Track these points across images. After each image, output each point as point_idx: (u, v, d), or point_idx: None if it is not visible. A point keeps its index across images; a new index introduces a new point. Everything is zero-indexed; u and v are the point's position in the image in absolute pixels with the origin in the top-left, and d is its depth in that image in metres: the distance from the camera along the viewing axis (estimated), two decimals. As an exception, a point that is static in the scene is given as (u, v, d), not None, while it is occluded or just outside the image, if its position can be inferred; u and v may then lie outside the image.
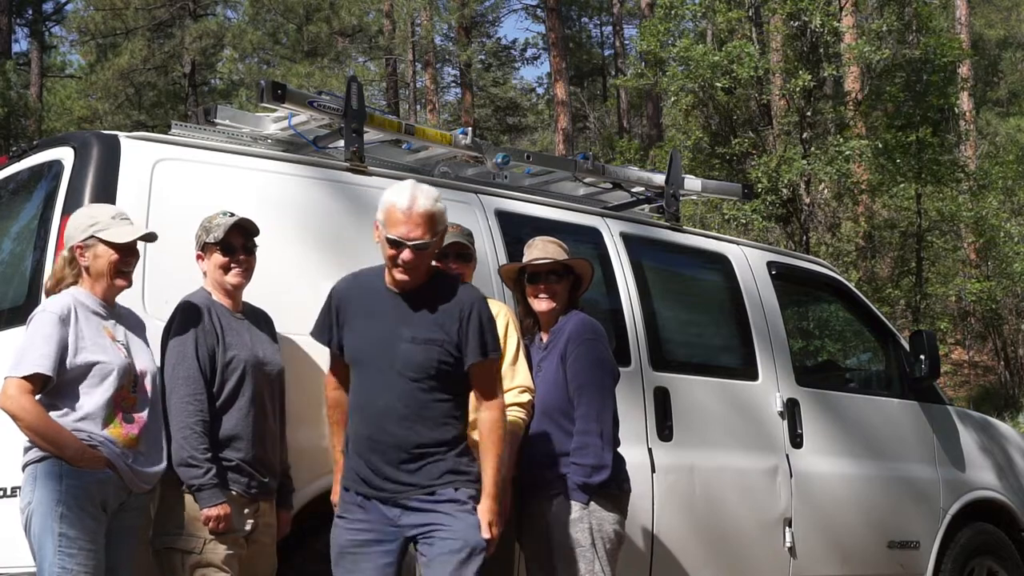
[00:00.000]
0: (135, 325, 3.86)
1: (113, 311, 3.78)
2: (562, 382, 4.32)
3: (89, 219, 3.76)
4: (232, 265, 3.96)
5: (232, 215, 3.98)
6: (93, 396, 3.60)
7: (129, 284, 3.79)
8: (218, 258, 3.95)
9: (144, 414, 3.70)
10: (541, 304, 4.46)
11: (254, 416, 3.87)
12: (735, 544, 5.46)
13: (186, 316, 3.86)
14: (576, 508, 4.22)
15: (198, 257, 3.99)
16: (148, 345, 3.84)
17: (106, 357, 3.63)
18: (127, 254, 3.75)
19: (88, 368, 3.60)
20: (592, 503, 4.23)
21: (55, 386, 3.57)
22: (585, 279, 4.55)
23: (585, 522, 4.21)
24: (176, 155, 4.31)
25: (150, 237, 3.81)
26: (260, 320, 4.08)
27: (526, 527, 4.37)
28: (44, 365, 3.52)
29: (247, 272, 4.00)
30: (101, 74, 27.14)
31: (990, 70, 36.35)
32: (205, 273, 3.99)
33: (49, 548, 3.46)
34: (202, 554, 3.73)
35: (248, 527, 3.85)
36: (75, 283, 3.74)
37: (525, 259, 4.51)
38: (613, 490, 4.31)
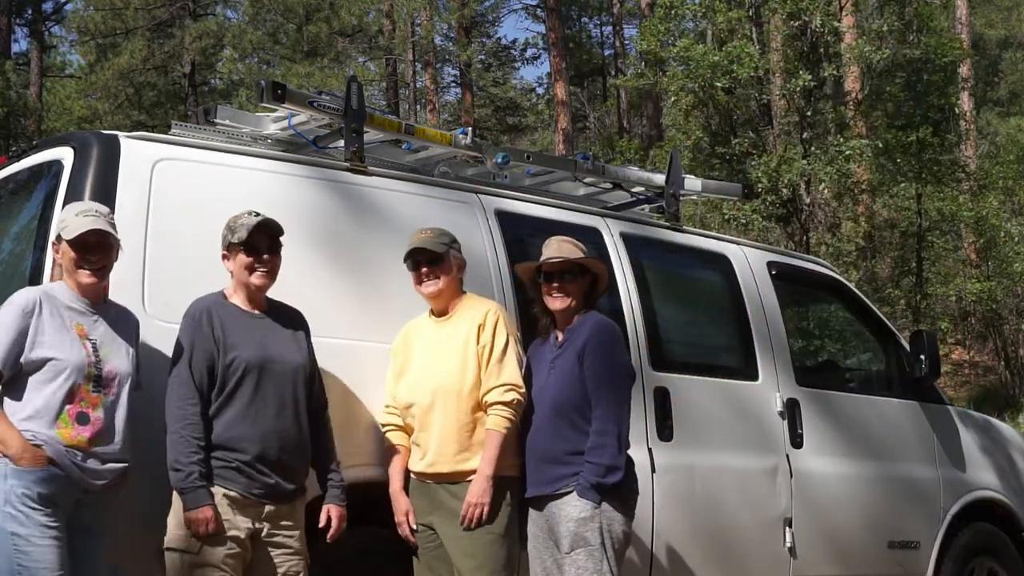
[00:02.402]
0: (124, 324, 3.81)
1: (98, 307, 3.75)
2: (578, 380, 4.32)
3: (60, 217, 3.76)
4: (256, 266, 3.95)
5: (257, 215, 3.97)
6: (43, 392, 3.57)
7: (96, 280, 3.71)
8: (242, 258, 3.94)
9: (102, 415, 3.64)
10: (555, 302, 4.47)
11: (256, 416, 3.86)
12: (735, 544, 5.46)
13: (187, 322, 3.88)
14: (588, 507, 4.22)
15: (223, 257, 3.98)
16: (134, 346, 3.80)
17: (61, 354, 3.59)
18: (87, 250, 3.68)
19: (42, 363, 3.57)
20: (603, 503, 4.23)
21: (16, 378, 3.56)
22: (601, 279, 4.57)
23: (596, 521, 4.21)
24: (176, 155, 4.30)
25: (98, 233, 3.67)
26: (285, 317, 4.07)
27: (530, 524, 4.38)
28: None
29: (271, 273, 4.00)
30: (101, 74, 27.17)
31: (990, 70, 36.35)
32: (232, 273, 3.98)
33: (4, 548, 3.46)
34: (199, 554, 3.74)
35: (248, 528, 3.83)
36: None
37: (542, 258, 4.53)
38: (623, 491, 4.32)
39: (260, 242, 3.95)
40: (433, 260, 4.38)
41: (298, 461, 3.96)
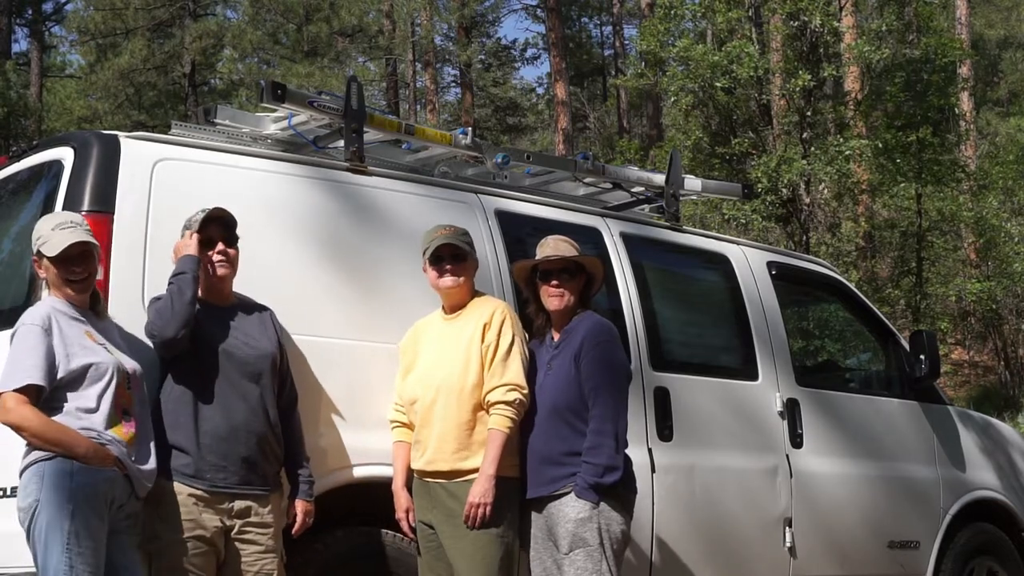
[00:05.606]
0: (111, 328, 3.83)
1: (89, 315, 3.75)
2: (575, 381, 4.32)
3: (36, 233, 3.73)
4: (215, 257, 3.95)
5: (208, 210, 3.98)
6: (94, 397, 3.58)
7: (80, 292, 3.72)
8: (203, 252, 3.95)
9: (137, 412, 3.71)
10: (553, 301, 4.46)
11: (220, 405, 3.85)
12: (735, 544, 5.46)
13: None
14: (586, 508, 4.22)
15: None
16: (125, 346, 3.82)
17: (98, 358, 3.62)
18: (70, 263, 3.67)
19: (84, 371, 3.58)
20: (602, 503, 4.23)
21: (54, 392, 3.55)
22: (597, 278, 4.57)
23: (594, 522, 4.21)
24: (176, 155, 4.30)
25: (79, 245, 3.66)
26: (254, 310, 4.08)
27: (528, 524, 4.37)
28: (35, 376, 3.50)
29: (232, 263, 4.00)
30: (101, 74, 27.15)
31: (990, 70, 36.35)
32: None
33: (57, 546, 3.44)
34: (164, 556, 3.75)
35: (216, 527, 3.82)
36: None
37: (537, 258, 4.52)
38: (621, 491, 4.32)
39: (214, 233, 3.95)
40: (457, 257, 4.39)
41: (268, 452, 3.94)
